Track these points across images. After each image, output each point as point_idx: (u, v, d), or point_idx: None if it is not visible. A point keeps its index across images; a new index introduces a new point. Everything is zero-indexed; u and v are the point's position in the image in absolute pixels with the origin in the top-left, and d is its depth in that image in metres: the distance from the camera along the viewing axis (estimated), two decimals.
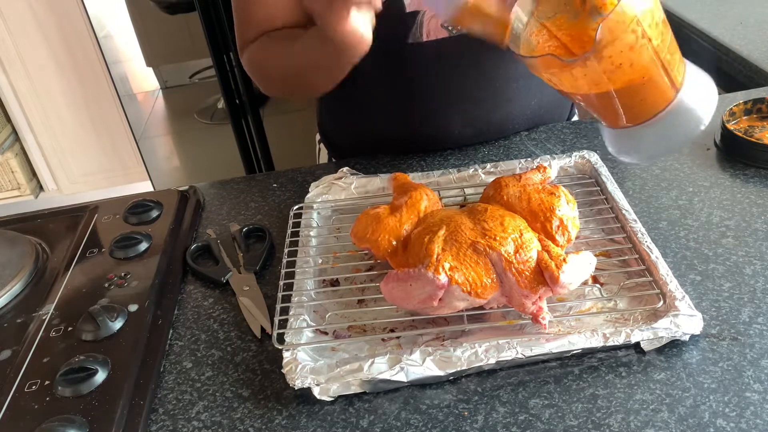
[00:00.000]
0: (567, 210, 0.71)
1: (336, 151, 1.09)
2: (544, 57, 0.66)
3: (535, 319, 0.64)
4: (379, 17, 0.87)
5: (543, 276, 0.63)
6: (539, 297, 0.63)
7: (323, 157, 1.13)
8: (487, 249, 0.64)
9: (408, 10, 0.86)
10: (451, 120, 0.96)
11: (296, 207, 0.85)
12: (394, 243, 0.70)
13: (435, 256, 0.63)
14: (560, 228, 0.70)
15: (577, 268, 0.64)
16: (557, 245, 0.68)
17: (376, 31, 0.89)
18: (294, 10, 0.89)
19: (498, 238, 0.65)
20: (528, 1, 0.70)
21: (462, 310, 0.66)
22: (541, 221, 0.70)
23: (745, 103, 0.94)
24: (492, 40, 0.72)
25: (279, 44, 0.87)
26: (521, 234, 0.66)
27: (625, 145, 0.75)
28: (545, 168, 0.80)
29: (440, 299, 0.63)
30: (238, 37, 0.92)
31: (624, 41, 0.63)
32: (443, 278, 0.61)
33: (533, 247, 0.65)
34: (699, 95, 0.70)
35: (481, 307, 0.66)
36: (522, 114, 1.00)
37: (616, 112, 0.70)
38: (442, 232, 0.66)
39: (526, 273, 0.63)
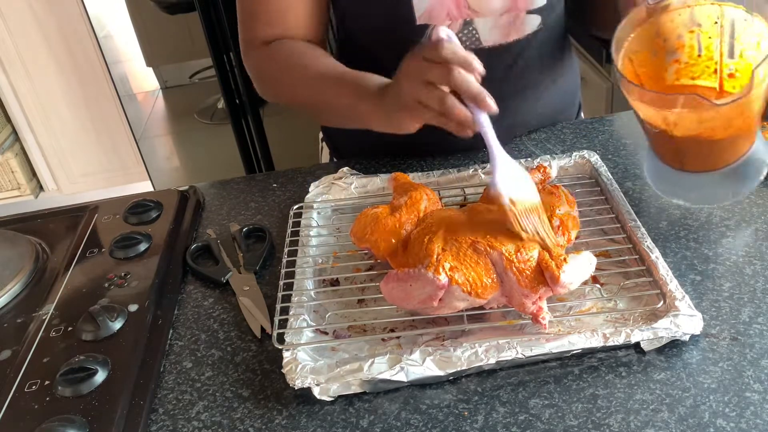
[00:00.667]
0: (567, 210, 0.71)
1: (338, 151, 1.09)
2: (677, 97, 0.67)
3: (535, 319, 0.63)
4: (389, 28, 0.88)
5: (543, 276, 0.63)
6: (539, 297, 0.63)
7: (325, 155, 1.13)
8: (488, 249, 0.64)
9: (418, 23, 0.86)
10: None
11: (296, 207, 0.85)
12: (394, 243, 0.70)
13: (435, 256, 0.63)
14: (560, 228, 0.70)
15: (578, 268, 0.64)
16: (557, 245, 0.68)
17: (386, 41, 0.90)
18: (307, 9, 0.88)
19: (498, 237, 0.64)
20: (623, 35, 0.73)
21: (462, 310, 0.66)
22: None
23: None
24: None
25: (298, 71, 0.86)
26: None
27: (683, 188, 0.77)
28: (545, 168, 0.80)
29: (440, 299, 0.63)
30: (244, 33, 0.90)
31: (760, 90, 0.65)
32: (443, 278, 0.61)
33: (534, 246, 0.65)
34: (762, 147, 0.73)
35: (481, 307, 0.66)
36: (527, 123, 1.00)
37: (703, 156, 0.72)
38: (441, 232, 0.66)
39: (527, 272, 0.63)
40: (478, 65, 0.66)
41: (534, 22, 0.90)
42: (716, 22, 0.73)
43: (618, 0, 0.95)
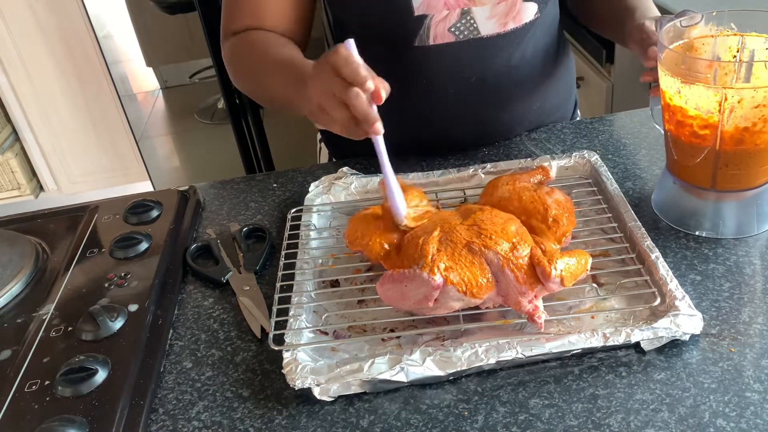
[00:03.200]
0: (562, 208, 0.71)
1: (336, 151, 1.09)
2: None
3: (531, 318, 0.63)
4: (388, 19, 0.88)
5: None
6: (535, 295, 0.63)
7: (324, 155, 1.13)
8: (483, 249, 0.64)
9: (416, 14, 0.86)
10: (453, 124, 0.96)
11: (294, 210, 0.84)
12: (385, 246, 0.70)
13: (430, 257, 0.63)
14: (555, 225, 0.70)
15: (570, 265, 0.64)
16: (554, 243, 0.68)
17: (384, 33, 0.90)
18: (287, 6, 0.89)
19: (493, 237, 0.65)
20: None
21: (458, 311, 0.66)
22: (536, 219, 0.70)
23: None
24: None
25: (256, 59, 0.87)
26: (516, 232, 0.66)
27: (698, 215, 0.75)
28: (546, 168, 0.81)
29: (435, 300, 0.63)
30: (223, 25, 0.92)
31: None
32: (438, 279, 0.61)
33: (529, 244, 0.65)
34: None
35: (477, 307, 0.66)
36: (525, 118, 1.00)
37: (742, 166, 0.71)
38: (436, 233, 0.66)
39: (525, 269, 0.63)
40: (371, 85, 0.65)
41: (531, 11, 0.90)
42: (735, 56, 0.73)
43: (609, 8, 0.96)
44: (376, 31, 0.91)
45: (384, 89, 0.66)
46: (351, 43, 0.67)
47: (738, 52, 0.73)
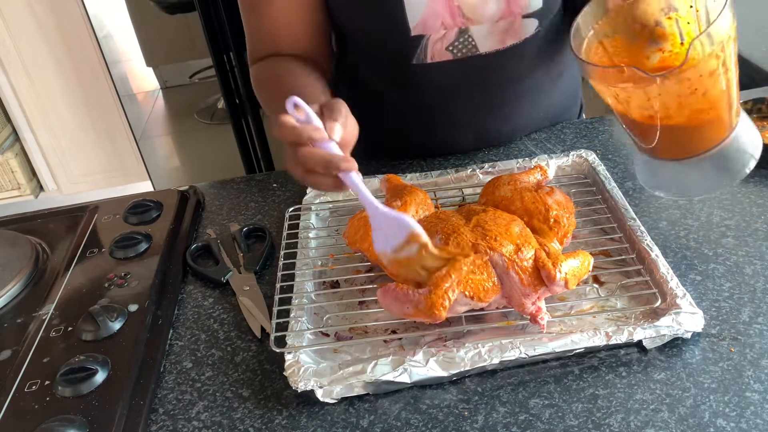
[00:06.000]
0: (563, 208, 0.71)
1: None
2: (620, 69, 0.64)
3: (533, 319, 0.63)
4: (385, 39, 0.88)
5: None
6: (538, 297, 0.63)
7: None
8: (488, 250, 0.64)
9: (413, 34, 0.86)
10: (456, 134, 0.96)
11: (291, 209, 0.84)
12: None
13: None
14: (556, 226, 0.70)
15: (574, 267, 0.64)
16: (555, 243, 0.68)
17: (382, 51, 0.89)
18: (302, 28, 0.89)
19: (498, 238, 0.64)
20: (591, 16, 0.70)
21: (461, 313, 0.66)
22: (538, 220, 0.70)
23: (745, 103, 0.94)
24: None
25: (271, 94, 0.87)
26: (520, 233, 0.66)
27: (662, 178, 0.75)
28: (544, 168, 0.80)
29: None
30: (248, 50, 0.93)
31: (707, 66, 0.62)
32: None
33: (533, 246, 0.65)
34: (748, 139, 0.71)
35: (480, 309, 0.66)
36: (528, 126, 1.00)
37: (671, 141, 0.70)
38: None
39: (529, 271, 0.63)
40: (320, 125, 0.62)
41: (531, 26, 0.89)
42: (691, 6, 0.71)
43: None
44: (374, 49, 0.91)
45: (342, 125, 0.63)
46: (292, 101, 0.63)
47: (693, 3, 0.71)
